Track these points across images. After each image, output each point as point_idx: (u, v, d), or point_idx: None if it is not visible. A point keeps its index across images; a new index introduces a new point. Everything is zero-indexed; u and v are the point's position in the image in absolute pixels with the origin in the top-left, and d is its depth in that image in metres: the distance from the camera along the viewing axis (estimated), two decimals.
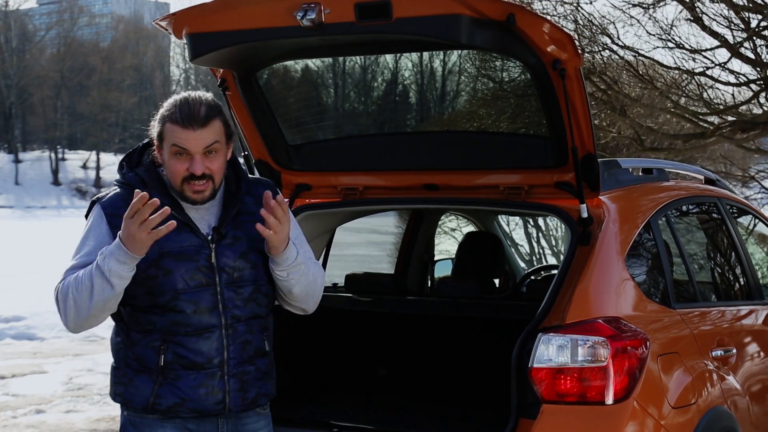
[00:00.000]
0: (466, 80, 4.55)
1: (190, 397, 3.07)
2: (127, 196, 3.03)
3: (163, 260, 3.04)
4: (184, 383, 3.07)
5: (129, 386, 3.12)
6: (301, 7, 3.53)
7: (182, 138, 3.03)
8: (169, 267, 3.04)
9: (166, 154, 3.07)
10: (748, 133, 12.36)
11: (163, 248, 3.03)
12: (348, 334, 4.98)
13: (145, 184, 3.09)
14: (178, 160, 3.05)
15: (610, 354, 3.53)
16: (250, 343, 3.16)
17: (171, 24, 3.82)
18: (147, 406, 3.08)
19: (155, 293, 3.05)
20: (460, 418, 4.35)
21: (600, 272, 3.77)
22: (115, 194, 3.16)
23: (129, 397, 3.12)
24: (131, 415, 3.16)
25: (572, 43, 3.62)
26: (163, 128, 3.07)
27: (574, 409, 3.54)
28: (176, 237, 3.04)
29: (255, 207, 3.13)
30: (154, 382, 3.08)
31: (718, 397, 4.02)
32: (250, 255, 3.14)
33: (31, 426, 7.62)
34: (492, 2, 3.47)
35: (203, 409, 3.09)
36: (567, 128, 3.77)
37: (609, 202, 4.05)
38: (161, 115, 3.09)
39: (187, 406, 3.08)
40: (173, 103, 3.09)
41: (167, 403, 3.07)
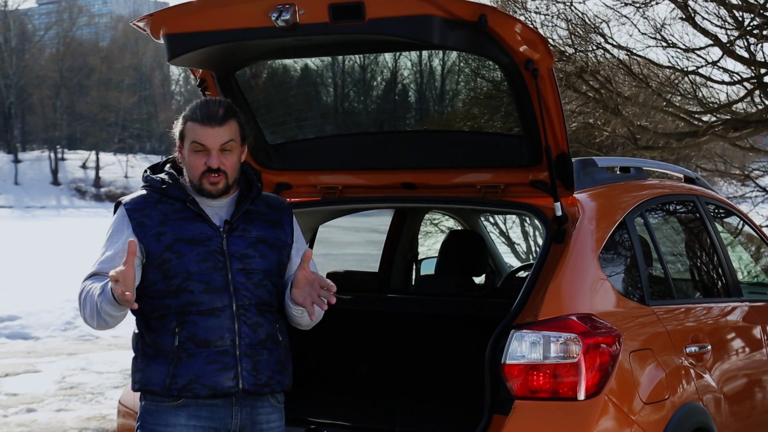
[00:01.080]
0: (449, 79, 4.59)
1: (204, 372, 3.21)
2: (147, 196, 3.38)
3: (177, 244, 3.27)
4: (197, 361, 3.22)
5: (146, 371, 3.29)
6: (275, 8, 3.58)
7: (201, 135, 3.30)
8: (183, 251, 3.27)
9: (187, 150, 3.34)
10: (741, 131, 12.39)
11: (177, 235, 3.29)
12: (329, 332, 4.99)
13: (164, 183, 3.39)
14: (197, 155, 3.31)
15: (582, 350, 3.57)
16: (261, 326, 3.30)
17: (148, 25, 3.86)
18: (164, 387, 3.24)
19: (169, 276, 3.26)
20: (437, 414, 4.39)
21: (573, 270, 3.81)
22: (137, 195, 3.43)
23: (146, 381, 3.29)
24: (148, 403, 3.32)
25: (544, 43, 3.67)
26: (184, 127, 3.34)
27: (547, 405, 3.59)
28: (190, 226, 3.31)
29: (267, 210, 3.45)
30: (169, 364, 3.24)
31: (692, 393, 4.06)
32: (259, 246, 3.36)
33: (22, 425, 7.65)
34: (463, 3, 3.51)
35: (217, 385, 3.22)
36: (540, 127, 3.81)
37: (584, 201, 4.09)
38: (183, 116, 3.37)
39: (201, 382, 3.21)
40: (194, 105, 3.38)
41: (183, 382, 3.22)
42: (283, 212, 3.48)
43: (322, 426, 3.97)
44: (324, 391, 4.82)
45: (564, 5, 12.54)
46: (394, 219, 5.83)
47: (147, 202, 3.37)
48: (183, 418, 3.24)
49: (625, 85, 12.90)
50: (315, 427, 3.95)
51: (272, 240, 3.39)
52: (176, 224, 3.31)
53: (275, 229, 3.41)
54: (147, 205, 3.36)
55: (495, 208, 4.89)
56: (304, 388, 4.84)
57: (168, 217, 3.32)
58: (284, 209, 3.50)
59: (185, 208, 3.34)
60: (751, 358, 4.78)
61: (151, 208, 3.35)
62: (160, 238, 3.28)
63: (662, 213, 4.92)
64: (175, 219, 3.32)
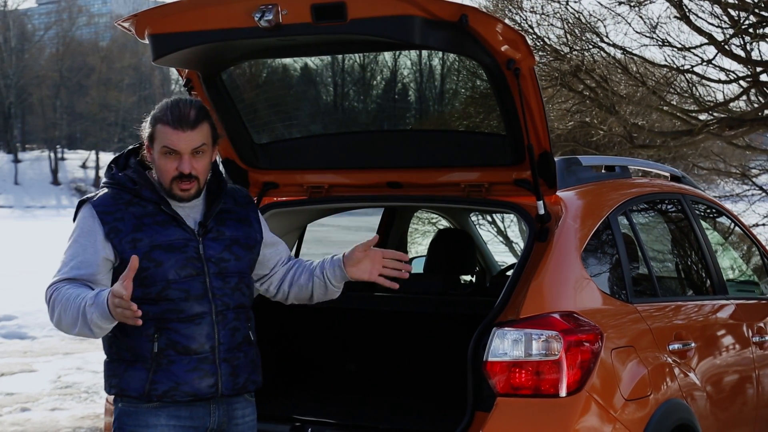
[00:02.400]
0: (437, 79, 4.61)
1: (185, 380, 3.20)
2: (116, 196, 3.26)
3: (154, 252, 3.20)
4: (177, 368, 3.19)
5: (124, 377, 3.23)
6: (258, 8, 3.60)
7: (172, 139, 3.21)
8: (160, 259, 3.20)
9: (156, 154, 3.25)
10: (737, 130, 12.40)
11: (154, 241, 3.21)
12: (316, 330, 5.05)
13: (135, 183, 3.27)
14: (167, 159, 3.23)
15: (563, 347, 3.60)
16: (239, 330, 3.32)
17: (133, 25, 3.88)
18: (143, 394, 3.19)
19: (147, 284, 3.18)
20: (422, 411, 4.42)
21: (556, 268, 3.83)
22: (105, 194, 3.29)
23: (124, 386, 3.23)
24: (126, 405, 3.26)
25: (525, 43, 3.69)
26: (154, 129, 3.25)
27: (528, 402, 3.61)
28: (165, 231, 3.23)
29: (235, 207, 3.42)
30: (148, 370, 3.19)
31: (675, 390, 4.09)
32: (233, 248, 3.34)
33: (16, 424, 7.68)
34: (444, 3, 3.53)
35: (197, 392, 3.22)
36: (522, 126, 3.84)
37: (568, 199, 4.12)
38: (153, 117, 3.27)
39: (182, 389, 3.20)
40: (164, 106, 3.27)
41: (163, 388, 3.19)
42: (249, 208, 3.46)
43: (306, 424, 3.99)
44: (311, 389, 4.85)
45: (559, 4, 12.57)
46: (383, 218, 5.86)
47: (117, 203, 3.25)
48: (163, 419, 3.23)
49: (621, 84, 12.91)
50: (300, 424, 3.98)
51: (245, 240, 3.38)
52: (151, 229, 3.23)
53: (245, 228, 3.40)
54: (118, 207, 3.25)
55: (479, 206, 4.92)
56: (291, 386, 4.87)
57: (142, 221, 3.24)
58: (250, 204, 3.48)
59: (159, 211, 3.26)
60: (735, 355, 4.80)
61: (123, 210, 3.24)
62: (136, 245, 3.19)
63: (647, 211, 4.94)
64: (150, 224, 3.23)
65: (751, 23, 11.35)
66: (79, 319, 3.06)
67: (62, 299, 3.11)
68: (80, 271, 3.18)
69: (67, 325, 3.11)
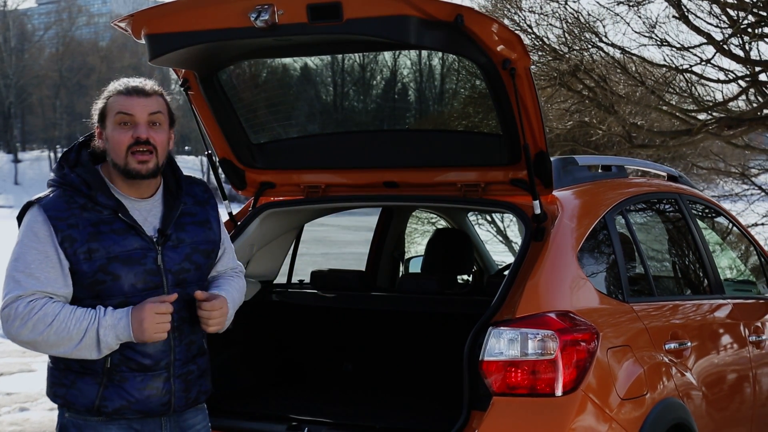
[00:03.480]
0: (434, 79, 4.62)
1: (137, 398, 3.05)
2: (69, 199, 3.02)
3: (111, 265, 3.00)
4: (130, 385, 3.04)
5: (71, 388, 3.05)
6: (254, 8, 3.61)
7: (127, 105, 3.03)
8: (118, 272, 3.00)
9: (110, 126, 3.05)
10: (736, 129, 12.41)
11: (111, 253, 3.00)
12: (313, 329, 5.05)
13: (88, 185, 3.05)
14: (122, 129, 3.03)
15: (559, 347, 3.59)
16: (194, 343, 3.18)
17: (130, 25, 3.89)
18: (92, 408, 3.03)
19: (103, 297, 3.01)
20: (418, 410, 4.42)
21: (552, 267, 3.83)
22: (56, 196, 3.05)
23: (72, 400, 3.05)
24: (74, 416, 3.08)
25: (521, 43, 3.70)
26: (106, 103, 3.07)
27: (524, 401, 3.61)
28: (122, 241, 3.02)
29: (194, 207, 3.21)
30: (99, 385, 3.03)
31: (671, 389, 4.09)
32: (194, 256, 3.16)
33: (14, 424, 7.68)
34: (440, 3, 3.54)
35: (149, 410, 3.08)
36: (518, 126, 3.84)
37: (564, 199, 4.12)
38: (104, 95, 3.10)
39: (134, 408, 3.05)
40: (116, 82, 3.12)
41: (114, 406, 3.04)
42: (209, 206, 3.25)
43: (303, 423, 4.00)
44: (308, 389, 4.86)
45: (558, 4, 12.58)
46: (381, 218, 5.87)
47: (71, 207, 2.99)
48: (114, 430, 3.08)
49: (620, 84, 12.92)
50: (296, 424, 3.98)
51: (204, 246, 3.19)
52: (108, 239, 2.99)
53: (205, 231, 3.20)
54: (71, 212, 2.98)
55: (476, 206, 4.93)
56: (288, 385, 4.88)
57: (98, 229, 3.00)
58: (209, 201, 3.26)
59: (116, 218, 3.02)
60: (732, 354, 4.81)
61: (77, 216, 2.99)
62: (92, 256, 2.97)
63: (644, 211, 4.95)
64: (107, 232, 3.00)
65: (750, 23, 11.36)
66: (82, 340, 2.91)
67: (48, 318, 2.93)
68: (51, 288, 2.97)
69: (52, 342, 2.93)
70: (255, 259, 4.69)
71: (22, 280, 2.97)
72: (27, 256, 2.99)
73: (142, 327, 2.94)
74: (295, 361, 5.03)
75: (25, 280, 2.96)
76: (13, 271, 2.99)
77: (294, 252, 5.19)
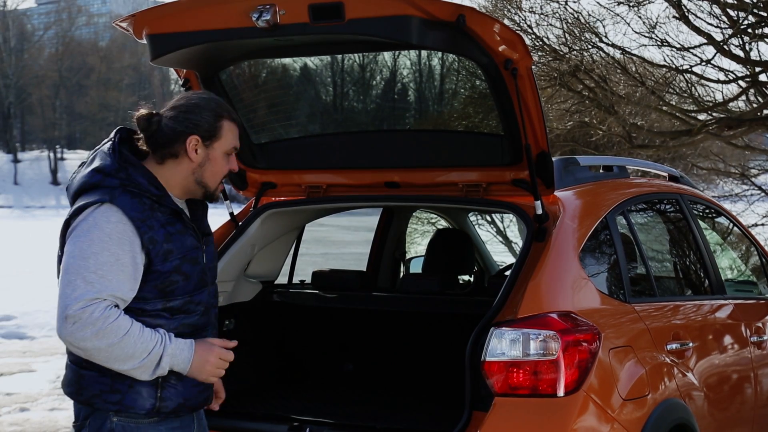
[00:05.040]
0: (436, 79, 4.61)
1: (191, 395, 3.09)
2: (139, 200, 2.97)
3: (184, 265, 3.03)
4: (186, 384, 3.07)
5: (129, 393, 3.01)
6: (256, 8, 3.60)
7: (237, 139, 3.11)
8: (189, 272, 3.05)
9: (218, 153, 3.08)
10: (736, 129, 12.41)
11: (181, 253, 3.02)
12: (314, 330, 5.05)
13: (156, 187, 3.03)
14: (227, 160, 3.10)
15: (561, 347, 3.59)
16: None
17: (131, 25, 3.88)
18: (152, 411, 3.02)
19: (170, 298, 3.02)
20: (420, 410, 4.42)
21: (553, 267, 3.83)
22: (128, 197, 2.98)
23: (130, 404, 3.01)
24: (124, 420, 3.04)
25: (522, 43, 3.70)
26: (219, 125, 3.06)
27: (526, 402, 3.61)
28: (186, 241, 3.05)
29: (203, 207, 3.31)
30: (156, 387, 3.02)
31: (673, 389, 4.09)
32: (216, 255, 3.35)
33: (15, 424, 7.68)
34: (442, 3, 3.54)
35: (197, 405, 3.15)
36: (520, 126, 3.84)
37: (565, 199, 4.12)
38: (216, 111, 3.07)
39: (188, 405, 3.10)
40: (221, 102, 3.11)
41: (172, 405, 3.05)
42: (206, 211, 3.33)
43: (305, 423, 3.99)
44: (309, 389, 4.85)
45: (558, 4, 12.57)
46: (382, 218, 5.86)
47: (145, 209, 2.97)
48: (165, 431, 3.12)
49: (620, 84, 12.92)
50: (298, 424, 3.97)
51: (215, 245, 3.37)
52: (177, 240, 3.02)
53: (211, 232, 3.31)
54: (146, 213, 2.97)
55: (477, 206, 4.92)
56: (289, 385, 4.88)
57: (168, 230, 3.01)
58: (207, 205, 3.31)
59: (177, 220, 3.04)
60: (733, 355, 4.80)
61: (150, 217, 2.98)
62: (168, 258, 2.99)
63: (645, 211, 4.95)
64: (174, 233, 3.02)
65: (750, 23, 11.35)
66: (143, 360, 2.90)
67: (121, 331, 2.88)
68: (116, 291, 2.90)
69: (114, 356, 2.89)
70: (256, 259, 4.70)
71: (95, 281, 2.88)
72: (99, 257, 2.90)
73: (203, 368, 3.03)
74: (296, 362, 5.03)
75: (98, 281, 2.88)
76: (83, 270, 2.89)
77: (295, 252, 5.19)
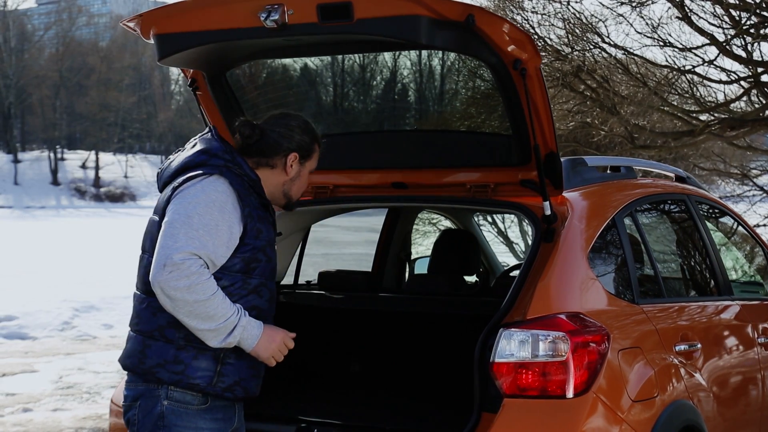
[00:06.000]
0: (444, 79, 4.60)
1: (246, 376, 3.26)
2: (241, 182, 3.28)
3: (269, 248, 3.31)
4: (243, 364, 3.25)
5: (192, 364, 3.19)
6: (264, 8, 3.59)
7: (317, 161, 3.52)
8: (271, 256, 3.32)
9: (307, 171, 3.51)
10: (738, 130, 12.40)
11: (270, 237, 3.33)
12: (321, 330, 5.04)
13: (255, 175, 3.35)
14: (308, 177, 3.52)
15: (570, 348, 3.58)
16: None
17: (138, 25, 3.87)
18: (209, 384, 3.20)
19: (252, 275, 3.25)
20: (428, 412, 4.41)
21: (562, 268, 3.82)
22: (237, 177, 3.29)
23: (192, 374, 3.19)
24: (173, 404, 3.21)
25: (532, 43, 3.68)
26: (314, 147, 3.52)
27: (535, 403, 3.59)
28: (271, 230, 3.35)
29: None
30: (217, 362, 3.21)
31: (682, 391, 4.07)
32: None
33: (18, 424, 7.67)
34: (451, 3, 3.52)
35: (249, 389, 3.31)
36: (529, 127, 3.83)
37: (573, 200, 4.11)
38: (313, 135, 3.54)
39: (242, 385, 3.27)
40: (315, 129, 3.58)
41: (228, 382, 3.23)
42: None
43: (312, 425, 3.98)
44: (316, 390, 4.84)
45: (560, 4, 12.55)
46: (387, 218, 5.85)
47: (244, 188, 3.28)
48: (209, 422, 3.26)
49: (622, 85, 12.89)
50: (306, 425, 3.96)
51: None
52: (265, 225, 3.31)
53: None
54: (246, 192, 3.28)
55: (485, 207, 4.91)
56: (296, 386, 4.86)
57: (259, 213, 3.30)
58: None
59: (267, 211, 3.35)
60: (741, 356, 4.79)
61: (247, 197, 3.28)
62: (259, 236, 3.26)
63: (652, 212, 4.93)
64: (264, 217, 3.31)
65: (753, 24, 11.33)
66: (220, 324, 3.11)
67: (209, 291, 3.10)
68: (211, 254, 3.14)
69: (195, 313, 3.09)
70: None
71: (196, 238, 3.12)
72: (203, 218, 3.15)
73: (269, 346, 3.22)
74: (302, 362, 5.01)
75: (199, 239, 3.12)
76: (187, 227, 3.13)
77: (301, 253, 5.17)
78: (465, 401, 4.04)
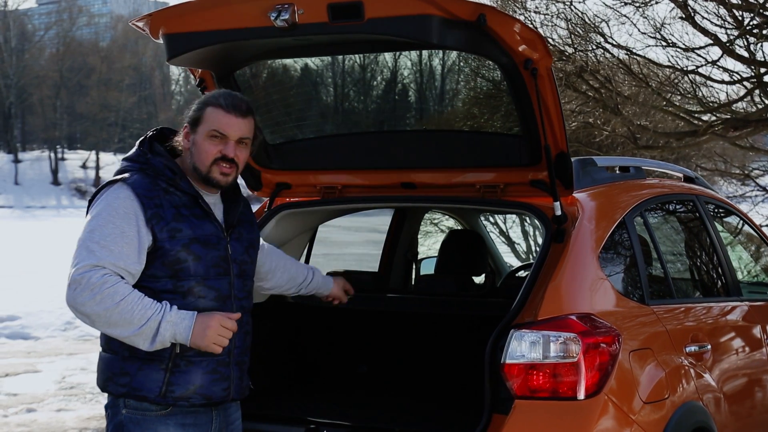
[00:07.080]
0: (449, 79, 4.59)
1: (202, 383, 3.16)
2: (152, 181, 3.17)
3: (192, 245, 3.16)
4: (195, 369, 3.15)
5: (137, 376, 3.11)
6: (274, 8, 3.57)
7: (224, 123, 3.23)
8: (199, 253, 3.16)
9: (201, 136, 3.24)
10: (741, 130, 12.39)
11: (192, 234, 3.16)
12: (328, 331, 5.02)
13: (172, 171, 3.22)
14: (212, 142, 3.23)
15: (582, 350, 3.56)
16: (249, 334, 3.36)
17: (147, 25, 3.85)
18: (158, 395, 3.11)
19: (180, 278, 3.13)
20: (437, 413, 4.39)
21: (573, 269, 3.80)
22: (141, 177, 3.19)
23: (138, 386, 3.11)
24: (132, 413, 3.14)
25: (543, 43, 3.67)
26: (203, 112, 3.26)
27: (546, 405, 3.58)
28: (201, 225, 3.20)
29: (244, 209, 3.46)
30: (165, 371, 3.12)
31: (692, 392, 4.06)
32: (250, 251, 3.40)
33: (22, 425, 7.65)
34: (462, 3, 3.50)
35: (212, 395, 3.19)
36: (539, 127, 3.81)
37: (583, 200, 4.09)
38: (204, 101, 3.29)
39: (199, 392, 3.16)
40: (217, 93, 3.33)
41: (180, 391, 3.13)
42: (251, 210, 3.54)
43: (321, 426, 3.97)
44: (324, 391, 4.82)
45: (564, 5, 12.54)
46: (394, 219, 5.83)
47: (156, 189, 3.17)
48: (173, 427, 3.16)
49: (625, 85, 12.89)
50: (315, 426, 3.95)
51: (255, 243, 3.47)
52: (188, 222, 3.17)
53: (254, 230, 3.49)
54: (157, 192, 3.17)
55: (494, 207, 4.89)
56: (304, 387, 4.85)
57: (180, 212, 3.18)
58: (249, 206, 3.53)
59: (195, 204, 3.22)
60: (750, 357, 4.78)
61: (161, 197, 3.17)
62: (176, 236, 3.14)
63: (662, 212, 4.92)
64: (187, 215, 3.18)
65: (756, 24, 11.33)
66: (142, 327, 2.99)
67: (117, 297, 2.99)
68: (123, 263, 3.05)
69: (113, 321, 2.99)
70: None
71: (97, 250, 3.04)
72: (104, 229, 3.07)
73: (204, 333, 3.05)
74: (310, 363, 5.00)
75: (99, 250, 3.04)
76: (88, 241, 3.06)
77: (308, 253, 5.16)
78: (474, 402, 4.03)
